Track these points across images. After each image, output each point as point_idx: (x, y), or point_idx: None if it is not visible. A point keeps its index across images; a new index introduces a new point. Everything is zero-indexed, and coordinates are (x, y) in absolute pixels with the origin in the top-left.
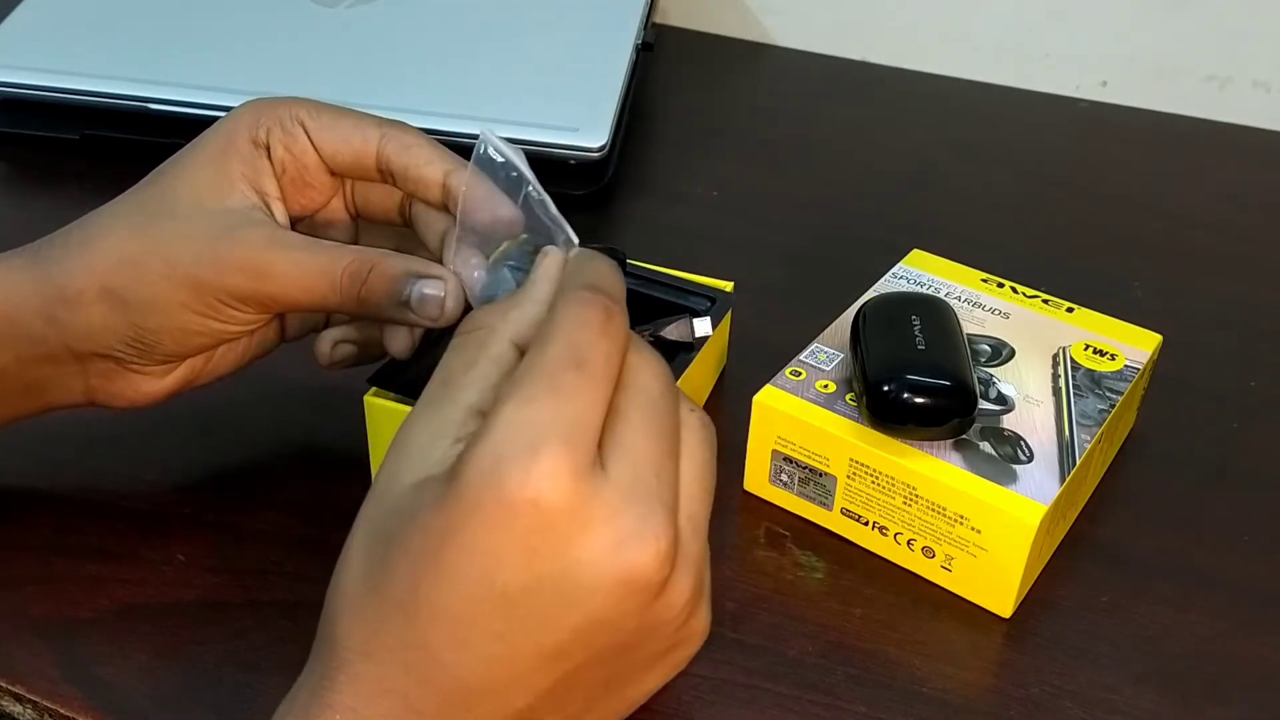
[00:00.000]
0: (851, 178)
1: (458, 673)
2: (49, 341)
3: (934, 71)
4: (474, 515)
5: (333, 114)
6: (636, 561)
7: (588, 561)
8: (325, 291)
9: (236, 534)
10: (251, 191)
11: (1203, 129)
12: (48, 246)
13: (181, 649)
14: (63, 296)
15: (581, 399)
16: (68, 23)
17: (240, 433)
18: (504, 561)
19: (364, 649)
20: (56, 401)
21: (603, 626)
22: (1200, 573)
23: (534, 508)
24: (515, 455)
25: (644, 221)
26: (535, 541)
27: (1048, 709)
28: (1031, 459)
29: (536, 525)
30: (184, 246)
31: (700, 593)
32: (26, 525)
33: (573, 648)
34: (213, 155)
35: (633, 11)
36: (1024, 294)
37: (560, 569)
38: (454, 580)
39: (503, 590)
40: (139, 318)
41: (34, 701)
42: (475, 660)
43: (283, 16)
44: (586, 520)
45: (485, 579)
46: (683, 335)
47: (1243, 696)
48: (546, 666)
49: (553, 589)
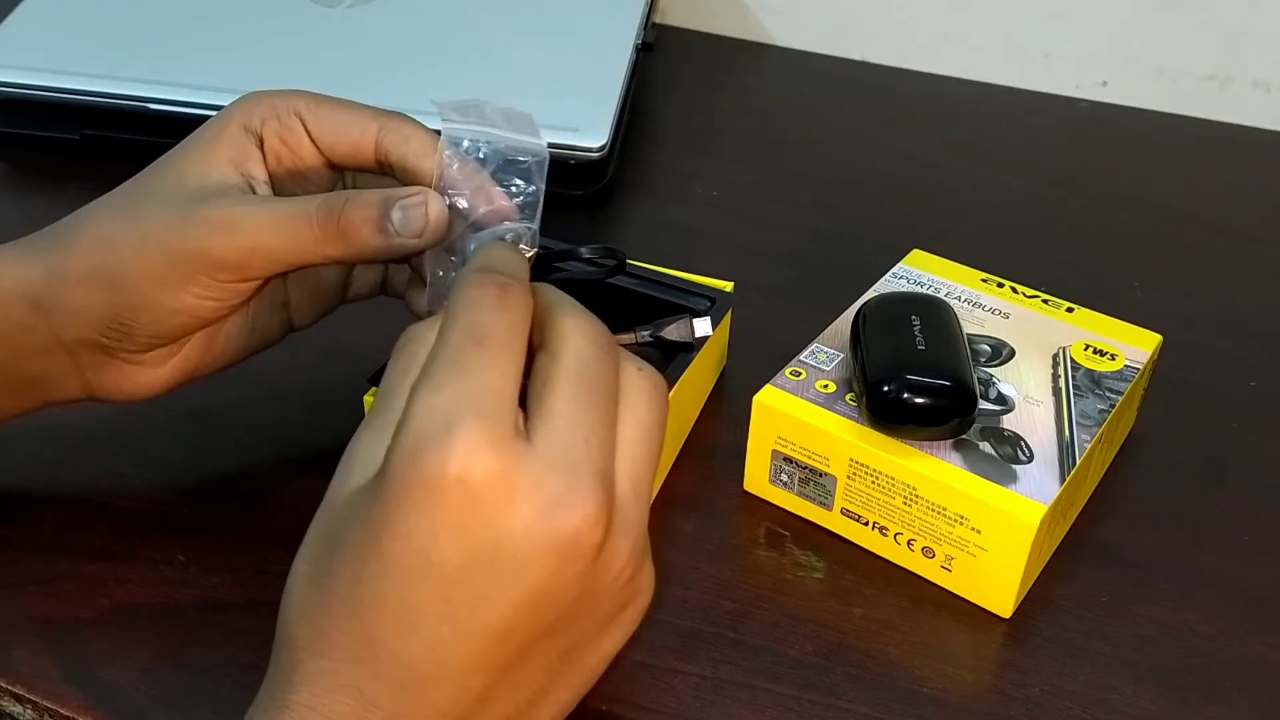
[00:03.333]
0: (851, 178)
1: (408, 660)
2: (39, 331)
3: (934, 71)
4: (404, 501)
5: (330, 105)
6: (565, 528)
7: (518, 532)
8: (302, 233)
9: (236, 534)
10: (234, 173)
11: (1203, 129)
12: (39, 237)
13: (181, 649)
14: (47, 283)
15: (487, 372)
16: (68, 23)
17: (240, 433)
18: (437, 542)
19: (315, 647)
20: (54, 396)
21: (544, 597)
22: (1200, 573)
23: (458, 484)
24: (432, 436)
25: (644, 221)
26: (464, 517)
27: (1048, 709)
28: (1031, 459)
29: (463, 501)
30: (156, 219)
31: (642, 550)
32: (26, 525)
33: (519, 622)
34: (202, 143)
35: (633, 11)
36: (1024, 294)
37: (492, 542)
38: (393, 567)
39: (440, 571)
40: (116, 296)
41: (34, 701)
42: (423, 645)
43: (283, 16)
44: (511, 491)
45: (422, 562)
46: (683, 335)
47: (1243, 696)
48: (497, 644)
49: (488, 564)
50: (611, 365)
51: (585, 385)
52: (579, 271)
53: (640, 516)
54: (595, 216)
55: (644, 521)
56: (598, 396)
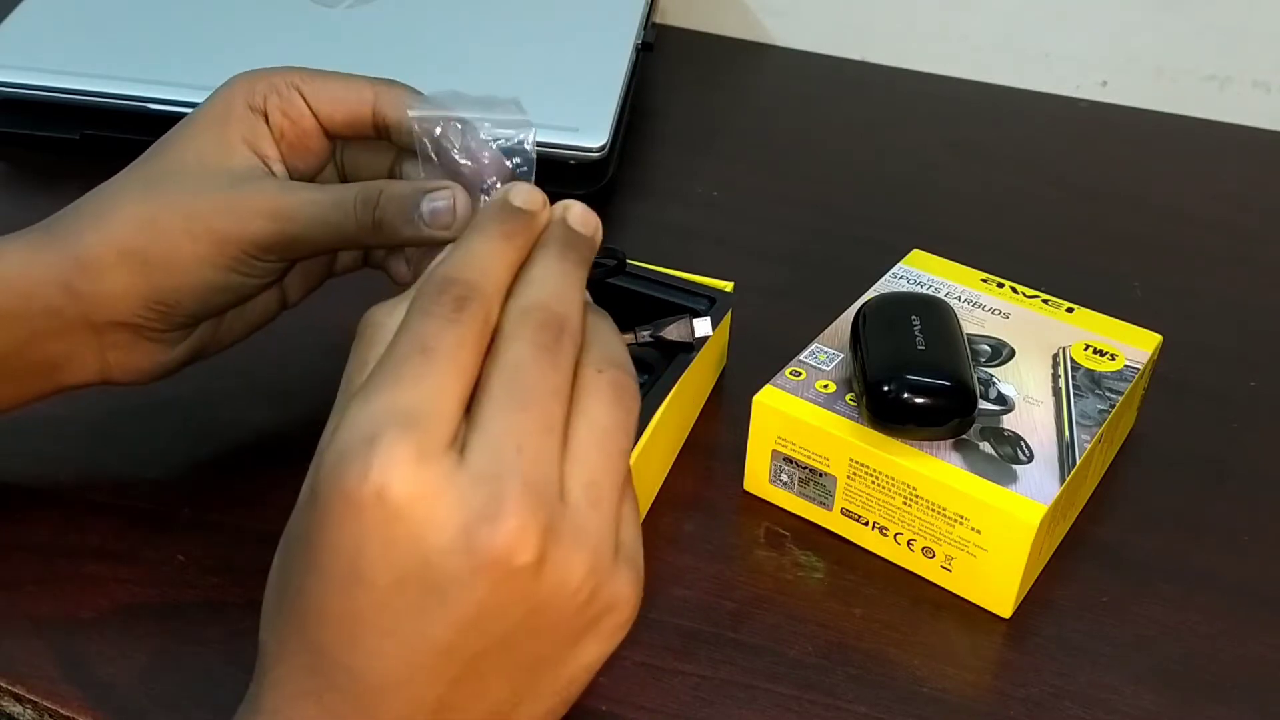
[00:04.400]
0: (851, 178)
1: (356, 671)
2: (66, 314)
3: (934, 71)
4: (328, 514)
5: (324, 76)
6: (491, 544)
7: (444, 549)
8: (342, 222)
9: (236, 534)
10: (252, 154)
11: (1203, 129)
12: (59, 222)
13: (181, 649)
14: (81, 266)
15: (425, 385)
16: (68, 23)
17: (240, 432)
18: (365, 556)
19: (278, 654)
20: (70, 380)
21: (485, 615)
22: (1200, 573)
23: (377, 499)
24: (354, 448)
25: (644, 221)
26: (387, 533)
27: (1048, 709)
28: (1031, 459)
29: (384, 517)
30: (202, 202)
31: (609, 561)
32: (26, 525)
33: (464, 639)
34: (210, 122)
35: (633, 11)
36: (1024, 294)
37: (419, 559)
38: (329, 580)
39: (372, 585)
40: (161, 278)
41: (34, 701)
42: (370, 657)
43: (283, 16)
44: (433, 506)
45: (353, 576)
46: (683, 335)
47: (1243, 696)
48: (444, 658)
49: (418, 582)
50: (554, 365)
51: (519, 389)
52: None
53: (600, 525)
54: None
55: (606, 530)
56: (533, 399)
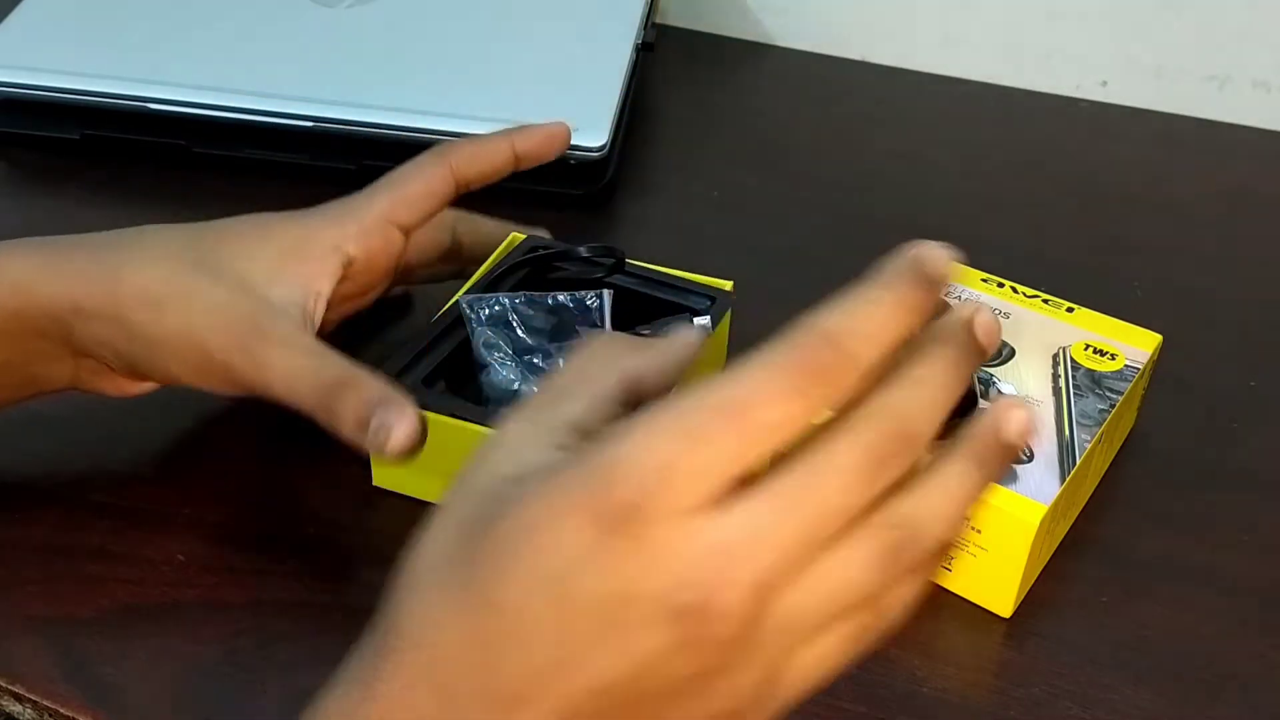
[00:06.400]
0: (851, 178)
1: (505, 676)
2: (51, 336)
3: (934, 71)
4: (567, 515)
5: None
6: (699, 608)
7: (656, 595)
8: (303, 394)
9: (236, 534)
10: (298, 290)
11: (1203, 129)
12: (80, 249)
13: (181, 649)
14: (78, 307)
15: (740, 446)
16: (68, 23)
17: (240, 433)
18: (583, 569)
19: (417, 636)
20: (44, 389)
21: (647, 671)
22: (1200, 573)
23: (630, 521)
24: (637, 470)
25: (644, 221)
26: (620, 554)
27: (1048, 709)
28: (1031, 459)
29: (629, 540)
30: (209, 314)
31: (762, 699)
32: (26, 525)
33: (616, 684)
34: (275, 242)
35: (633, 11)
36: (1024, 294)
37: (627, 592)
38: (525, 578)
39: (570, 599)
40: (141, 350)
41: (34, 701)
42: (524, 665)
43: (283, 16)
44: (673, 550)
45: (556, 582)
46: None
47: (1243, 696)
48: (590, 697)
49: (616, 611)
50: (868, 485)
51: (816, 492)
52: (577, 271)
53: (785, 670)
54: (595, 216)
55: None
56: (821, 511)
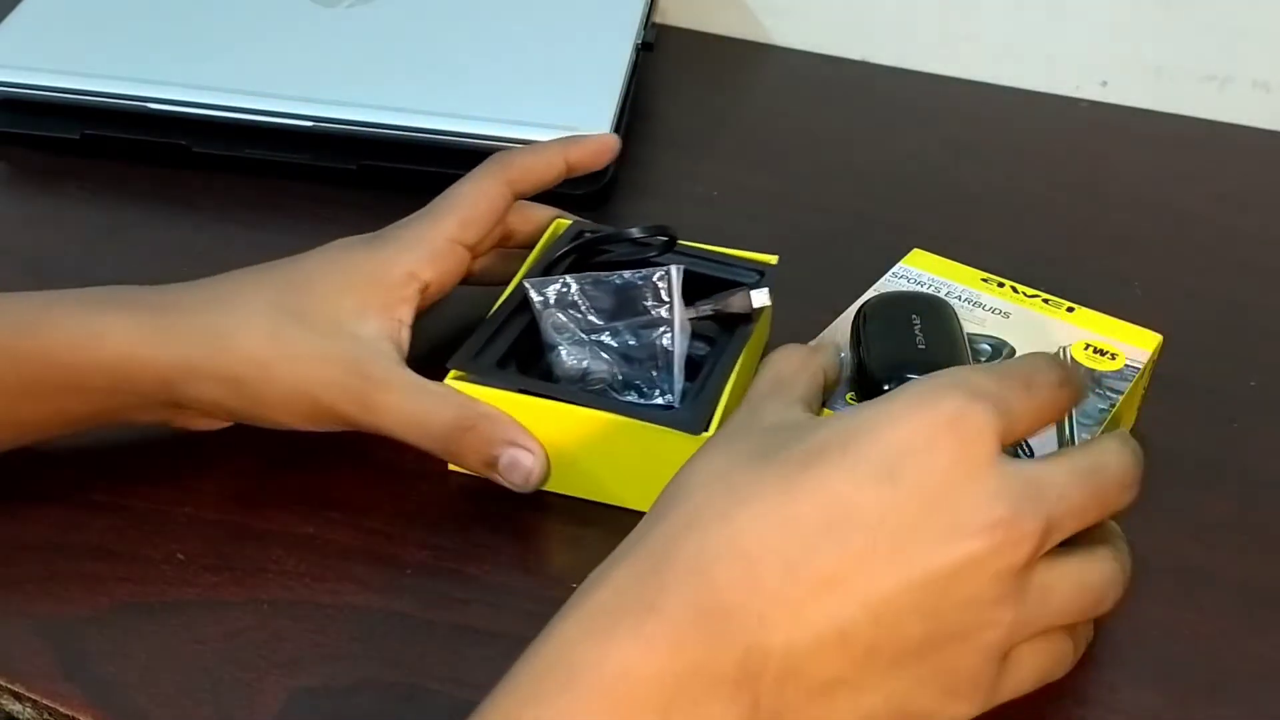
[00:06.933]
0: (851, 178)
1: (821, 557)
2: (156, 396)
3: (934, 71)
4: (906, 416)
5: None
6: (1002, 525)
7: (975, 502)
8: (420, 438)
9: (236, 533)
10: (386, 319)
11: (1203, 129)
12: (180, 313)
13: (181, 649)
14: (184, 374)
15: (1024, 400)
16: (68, 23)
17: (241, 431)
18: (904, 462)
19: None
20: (133, 424)
21: (955, 579)
22: (1200, 572)
23: (957, 424)
24: (960, 386)
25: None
26: (945, 441)
27: (1048, 709)
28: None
29: (956, 439)
30: (315, 367)
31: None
32: (26, 525)
33: (927, 583)
34: (361, 280)
35: (633, 11)
36: (1024, 294)
37: (937, 494)
38: (856, 468)
39: (893, 489)
40: (252, 407)
41: (34, 700)
42: (843, 549)
43: (283, 16)
44: (984, 463)
45: (885, 472)
46: (744, 307)
47: (1243, 696)
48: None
49: (939, 501)
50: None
51: (1097, 473)
52: (626, 253)
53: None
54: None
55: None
56: (1095, 490)
